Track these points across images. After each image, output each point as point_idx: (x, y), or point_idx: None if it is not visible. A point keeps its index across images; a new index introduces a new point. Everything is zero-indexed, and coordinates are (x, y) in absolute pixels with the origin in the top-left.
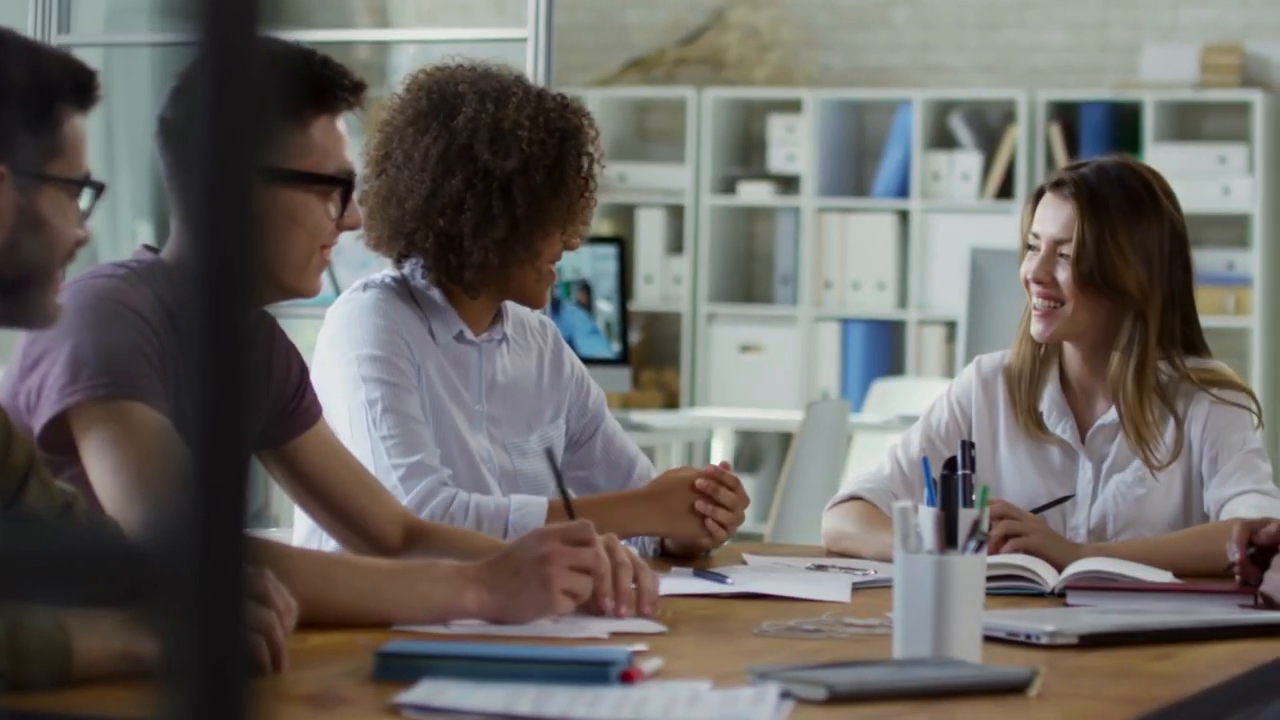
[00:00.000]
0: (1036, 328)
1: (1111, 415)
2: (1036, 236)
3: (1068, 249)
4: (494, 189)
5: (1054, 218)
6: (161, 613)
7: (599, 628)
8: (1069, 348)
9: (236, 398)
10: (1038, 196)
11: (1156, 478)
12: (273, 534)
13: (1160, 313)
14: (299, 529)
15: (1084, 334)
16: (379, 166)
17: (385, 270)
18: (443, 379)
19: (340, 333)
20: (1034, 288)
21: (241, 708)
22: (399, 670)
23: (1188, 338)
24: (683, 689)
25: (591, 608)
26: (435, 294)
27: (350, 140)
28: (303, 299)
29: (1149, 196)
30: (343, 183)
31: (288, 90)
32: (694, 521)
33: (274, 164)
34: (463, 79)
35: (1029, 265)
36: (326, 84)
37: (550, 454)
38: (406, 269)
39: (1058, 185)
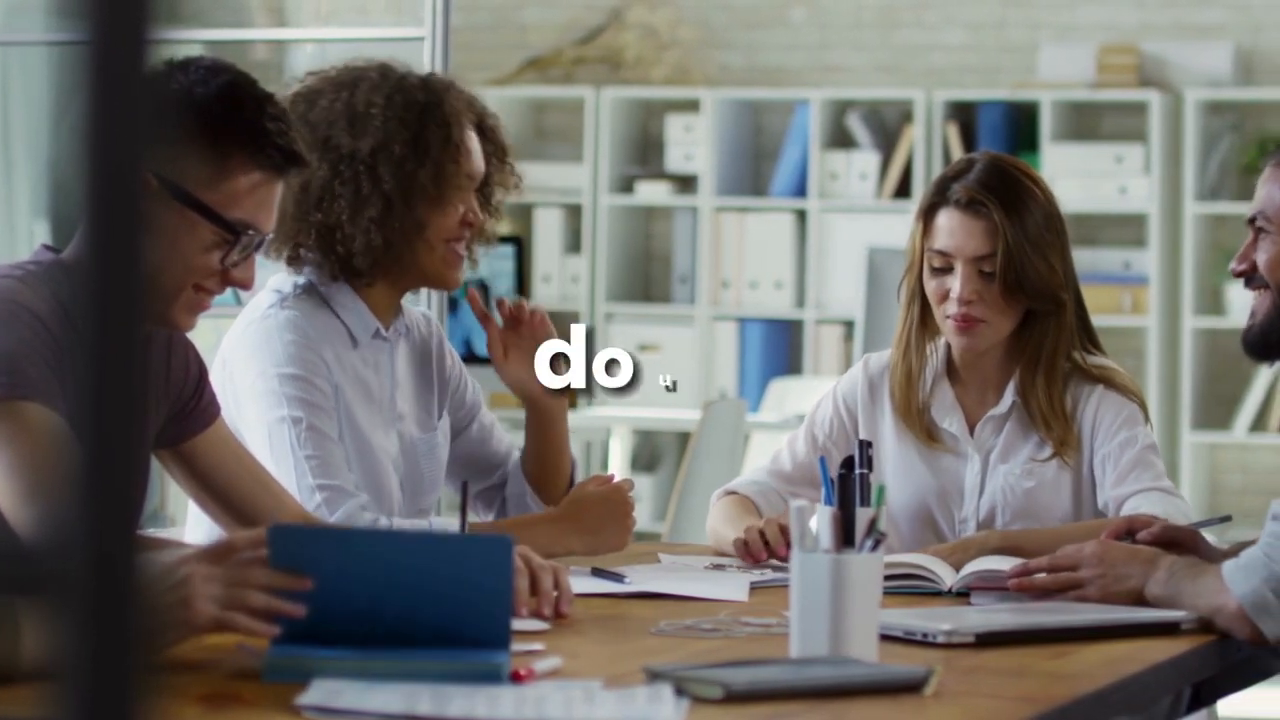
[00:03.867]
0: (962, 342)
1: (1001, 408)
2: (944, 255)
3: (990, 264)
4: (360, 171)
5: (968, 233)
6: (53, 612)
7: None
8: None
9: (129, 399)
10: (929, 211)
11: (1068, 461)
12: (170, 533)
13: (1070, 295)
14: (195, 531)
15: (1004, 338)
16: None
17: (283, 275)
18: (358, 388)
19: (258, 349)
20: (957, 306)
21: (132, 708)
22: (288, 672)
23: (1083, 331)
24: (576, 688)
25: (519, 613)
26: (345, 293)
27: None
28: (166, 329)
29: (1035, 186)
30: (234, 231)
31: (216, 117)
32: (611, 534)
33: (166, 174)
34: (324, 81)
35: (946, 284)
36: (262, 131)
37: (465, 488)
38: (305, 274)
39: (971, 203)
